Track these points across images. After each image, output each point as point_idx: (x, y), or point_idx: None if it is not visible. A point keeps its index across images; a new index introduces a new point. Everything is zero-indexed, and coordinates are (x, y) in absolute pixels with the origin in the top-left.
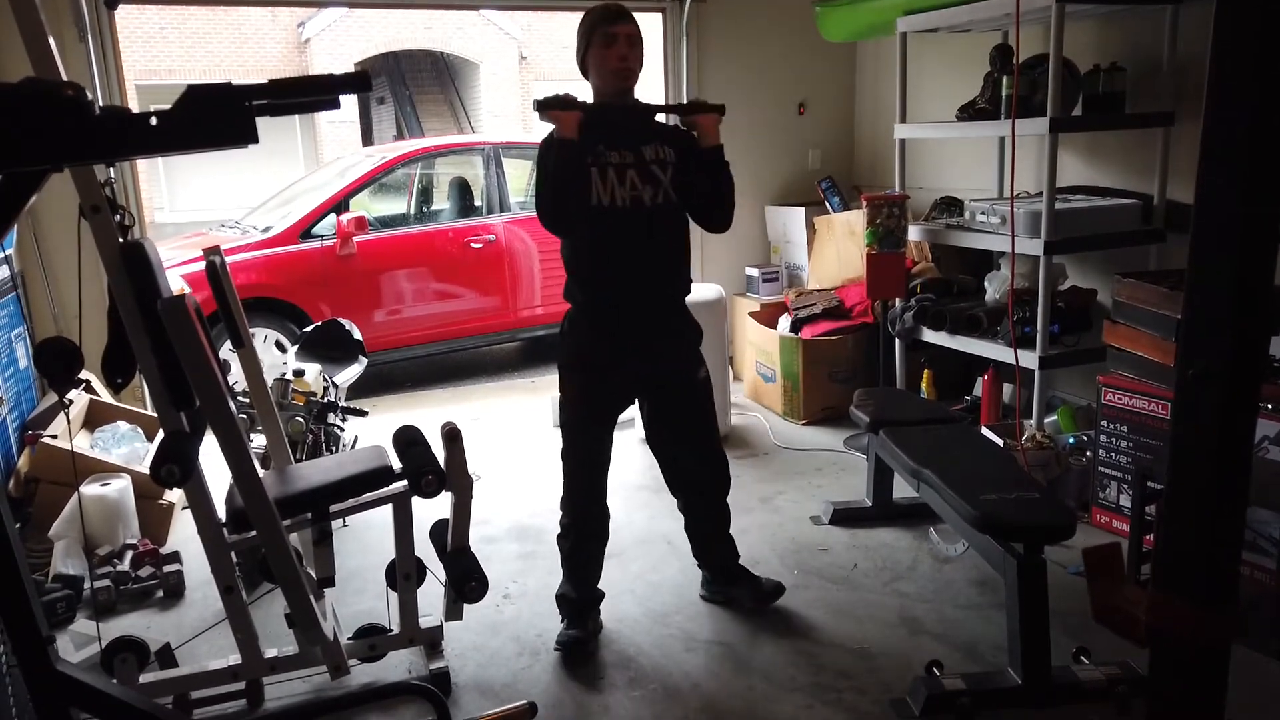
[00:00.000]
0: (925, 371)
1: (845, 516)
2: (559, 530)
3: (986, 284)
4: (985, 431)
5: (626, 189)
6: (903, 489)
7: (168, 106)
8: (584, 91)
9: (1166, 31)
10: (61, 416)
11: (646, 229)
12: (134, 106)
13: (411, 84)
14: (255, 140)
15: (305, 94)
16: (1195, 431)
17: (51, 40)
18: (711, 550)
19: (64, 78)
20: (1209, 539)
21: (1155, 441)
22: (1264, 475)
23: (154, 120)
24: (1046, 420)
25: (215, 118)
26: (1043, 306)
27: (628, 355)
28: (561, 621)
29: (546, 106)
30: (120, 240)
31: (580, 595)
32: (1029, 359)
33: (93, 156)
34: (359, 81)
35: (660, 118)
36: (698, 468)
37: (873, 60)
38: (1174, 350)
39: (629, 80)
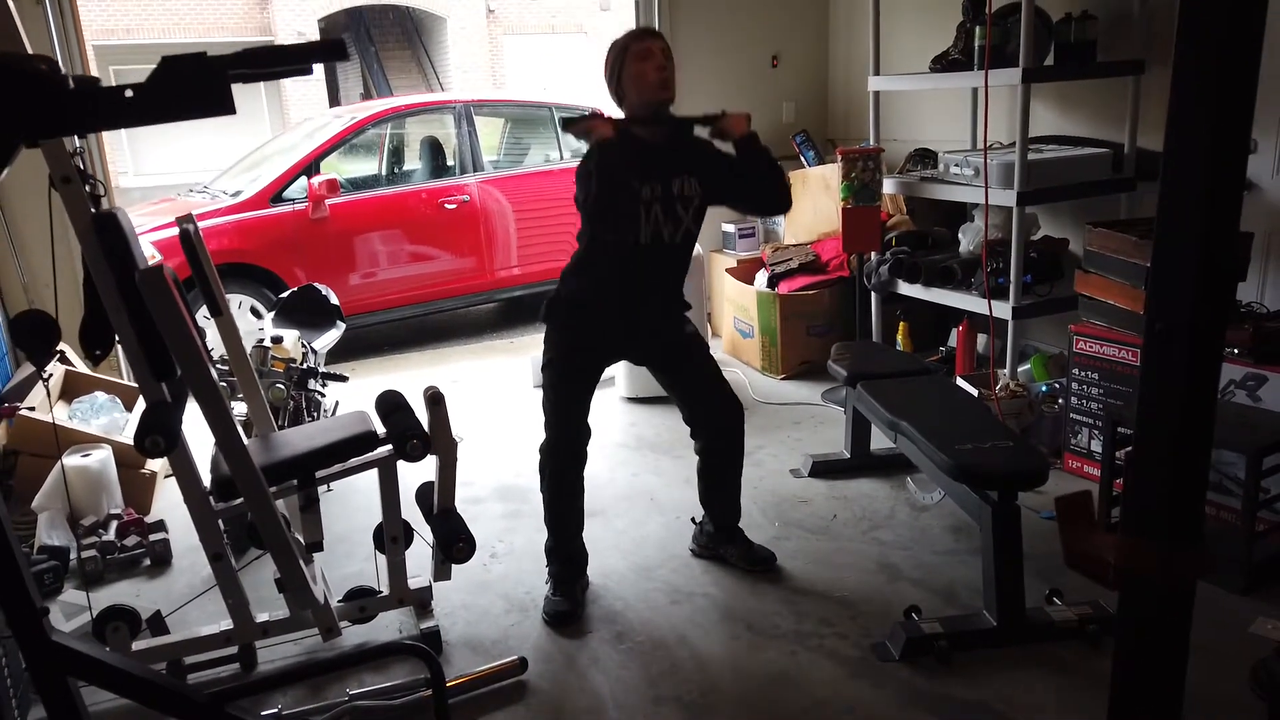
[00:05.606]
0: (901, 324)
1: (824, 468)
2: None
3: (961, 236)
4: (960, 382)
5: (652, 225)
6: (880, 440)
7: (134, 76)
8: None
9: None
10: (40, 388)
11: (660, 263)
12: (92, 67)
13: (377, 41)
14: (232, 110)
15: (282, 63)
16: (1162, 384)
17: (11, 4)
18: (719, 494)
19: (27, 48)
20: (1174, 485)
21: (1126, 388)
22: (1230, 418)
23: (129, 93)
24: (1020, 369)
25: (192, 89)
26: (1016, 257)
27: (614, 337)
28: (547, 582)
29: (574, 122)
30: (93, 210)
31: (562, 540)
32: (1002, 309)
33: (66, 130)
34: (334, 50)
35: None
36: (715, 409)
37: (845, 11)
38: (1144, 298)
39: (668, 91)
